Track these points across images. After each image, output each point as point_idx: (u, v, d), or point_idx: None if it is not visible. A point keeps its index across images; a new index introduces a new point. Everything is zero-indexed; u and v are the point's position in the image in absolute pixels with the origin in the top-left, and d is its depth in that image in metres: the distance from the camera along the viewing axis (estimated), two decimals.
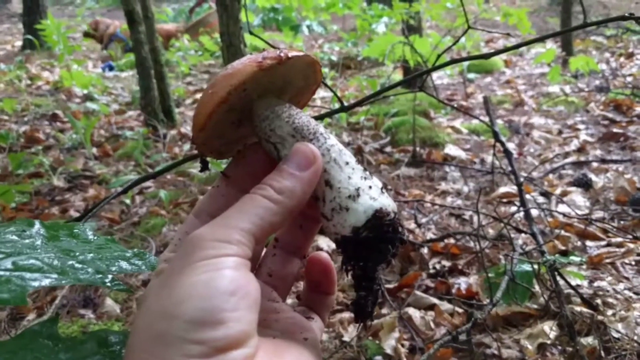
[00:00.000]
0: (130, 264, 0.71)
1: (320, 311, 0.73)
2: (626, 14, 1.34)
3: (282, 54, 0.65)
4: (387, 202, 0.63)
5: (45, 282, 0.62)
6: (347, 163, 0.65)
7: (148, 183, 4.12)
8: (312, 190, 0.62)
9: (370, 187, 0.64)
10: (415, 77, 1.83)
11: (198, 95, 7.15)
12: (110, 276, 0.67)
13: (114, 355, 0.64)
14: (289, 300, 0.76)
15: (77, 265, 0.67)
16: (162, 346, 0.48)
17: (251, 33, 1.78)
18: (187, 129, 5.57)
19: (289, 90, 0.73)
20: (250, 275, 0.54)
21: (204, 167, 0.73)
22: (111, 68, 9.00)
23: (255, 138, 0.72)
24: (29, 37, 9.71)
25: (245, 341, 0.50)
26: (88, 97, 6.93)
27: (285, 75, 0.70)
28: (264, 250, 0.75)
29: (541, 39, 1.63)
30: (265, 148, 0.68)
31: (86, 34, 10.22)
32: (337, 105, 3.07)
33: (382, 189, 0.65)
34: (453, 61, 1.69)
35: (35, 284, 0.61)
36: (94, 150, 4.99)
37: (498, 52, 1.66)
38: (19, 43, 11.57)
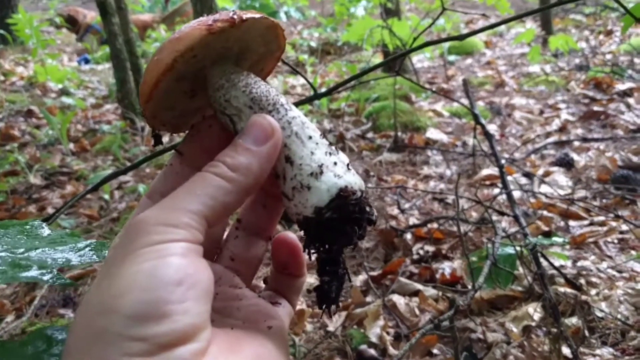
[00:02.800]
0: (80, 257, 0.67)
1: (289, 295, 0.68)
2: None
3: (234, 16, 0.58)
4: (353, 180, 0.58)
5: None
6: (310, 137, 0.59)
7: (127, 177, 4.05)
8: (270, 167, 0.57)
9: (335, 163, 0.59)
10: (394, 60, 1.79)
11: None
12: (54, 271, 0.62)
13: (56, 356, 0.60)
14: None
15: (20, 262, 0.63)
16: (101, 344, 0.43)
17: None
18: None
19: (247, 56, 0.67)
20: (201, 261, 0.49)
21: (157, 141, 0.67)
22: (87, 61, 8.83)
23: (207, 109, 0.67)
24: (1, 32, 9.49)
25: (194, 335, 0.45)
26: (64, 92, 6.79)
27: (242, 39, 0.63)
28: (226, 232, 0.70)
29: (519, 17, 1.60)
30: (221, 120, 0.62)
31: (67, 20, 9.98)
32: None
33: (348, 165, 0.60)
34: (430, 42, 1.65)
35: None
36: (71, 145, 4.89)
37: (474, 32, 1.62)
38: None
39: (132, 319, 0.43)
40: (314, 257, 0.61)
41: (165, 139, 4.96)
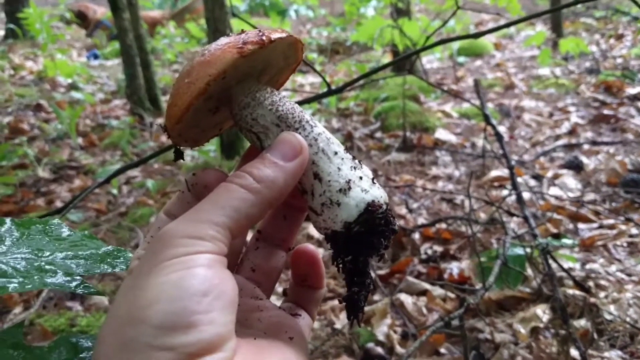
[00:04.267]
0: (103, 264, 0.67)
1: (308, 307, 0.69)
2: None
3: (264, 38, 0.59)
4: (378, 194, 0.60)
5: (8, 288, 0.57)
6: (335, 153, 0.61)
7: (135, 172, 4.06)
8: (295, 183, 0.58)
9: (360, 177, 0.60)
10: (404, 60, 1.79)
11: None
12: (79, 278, 0.62)
13: None
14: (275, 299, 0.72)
15: (46, 266, 0.63)
16: (129, 354, 0.44)
17: (234, 15, 1.73)
18: None
19: (268, 71, 0.68)
20: (226, 272, 0.50)
21: (179, 156, 0.68)
22: (96, 56, 8.86)
23: (230, 122, 0.68)
24: (12, 26, 9.53)
25: (220, 345, 0.46)
26: (73, 87, 6.81)
27: (266, 58, 0.65)
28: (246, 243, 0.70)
29: (530, 18, 1.59)
30: (246, 137, 0.63)
31: (77, 15, 10.02)
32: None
33: (373, 179, 0.62)
34: (441, 42, 1.65)
35: None
36: (80, 140, 4.91)
37: (487, 32, 1.62)
38: (1, 33, 11.37)
39: (160, 329, 0.44)
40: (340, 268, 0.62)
41: (163, 138, 4.97)
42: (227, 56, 0.57)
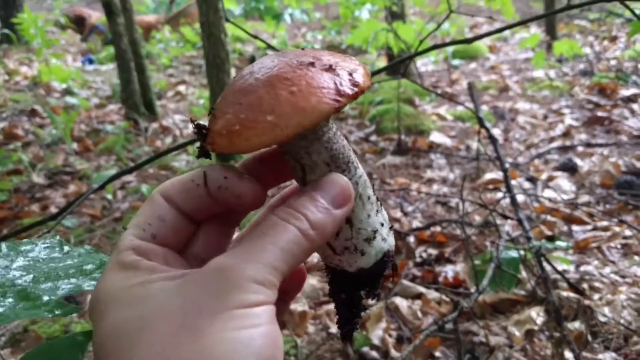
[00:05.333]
0: (87, 280, 0.65)
1: (279, 318, 0.68)
2: None
3: (357, 89, 0.53)
4: (392, 242, 0.62)
5: None
6: (368, 198, 0.60)
7: (130, 177, 4.05)
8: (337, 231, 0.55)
9: (382, 224, 0.61)
10: (398, 64, 1.80)
11: (180, 88, 7.04)
12: (54, 300, 0.61)
13: None
14: None
15: (35, 291, 0.61)
16: None
17: (228, 20, 1.73)
18: (168, 121, 5.49)
19: None
20: (278, 327, 0.47)
21: (206, 156, 0.58)
22: (91, 61, 8.85)
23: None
24: (6, 31, 9.52)
25: None
26: (67, 92, 6.79)
27: None
28: None
29: (525, 22, 1.60)
30: (287, 161, 0.59)
31: (74, 20, 10.00)
32: None
33: (391, 227, 0.63)
34: (436, 46, 1.66)
35: None
36: (75, 145, 4.89)
37: (481, 37, 1.63)
38: None
39: None
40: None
41: (168, 139, 4.97)
42: (324, 108, 0.50)
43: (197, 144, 0.56)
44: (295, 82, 0.51)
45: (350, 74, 0.53)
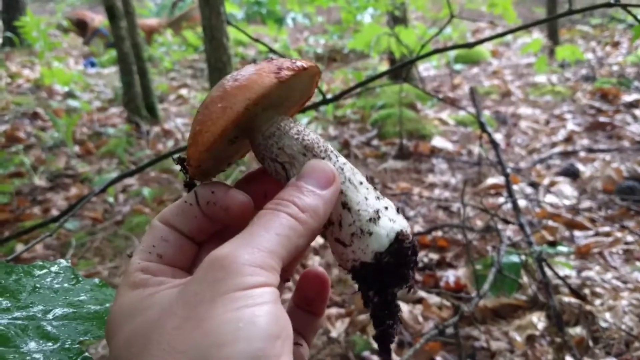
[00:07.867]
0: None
1: (308, 335, 0.66)
2: (611, 1, 1.31)
3: (297, 65, 0.58)
4: (405, 224, 0.59)
5: None
6: (361, 183, 0.59)
7: (131, 180, 4.05)
8: (330, 211, 0.55)
9: (386, 207, 0.59)
10: (400, 68, 1.80)
11: (182, 91, 7.06)
12: (78, 349, 0.59)
13: None
14: None
15: (55, 331, 0.60)
16: None
17: (229, 23, 1.73)
18: (170, 125, 5.50)
19: (286, 104, 0.66)
20: (283, 309, 0.47)
21: (191, 188, 0.61)
22: (93, 64, 8.87)
23: (238, 156, 0.66)
24: (9, 34, 9.55)
25: None
26: (69, 95, 6.81)
27: (293, 87, 0.63)
28: None
29: (527, 27, 1.60)
30: (268, 168, 0.61)
31: (77, 24, 10.04)
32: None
33: (398, 209, 0.61)
34: (437, 50, 1.66)
35: None
36: (76, 148, 4.90)
37: (483, 41, 1.63)
38: None
39: None
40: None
41: (170, 142, 4.97)
42: (266, 81, 0.55)
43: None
44: (241, 73, 0.57)
45: (295, 60, 0.59)
